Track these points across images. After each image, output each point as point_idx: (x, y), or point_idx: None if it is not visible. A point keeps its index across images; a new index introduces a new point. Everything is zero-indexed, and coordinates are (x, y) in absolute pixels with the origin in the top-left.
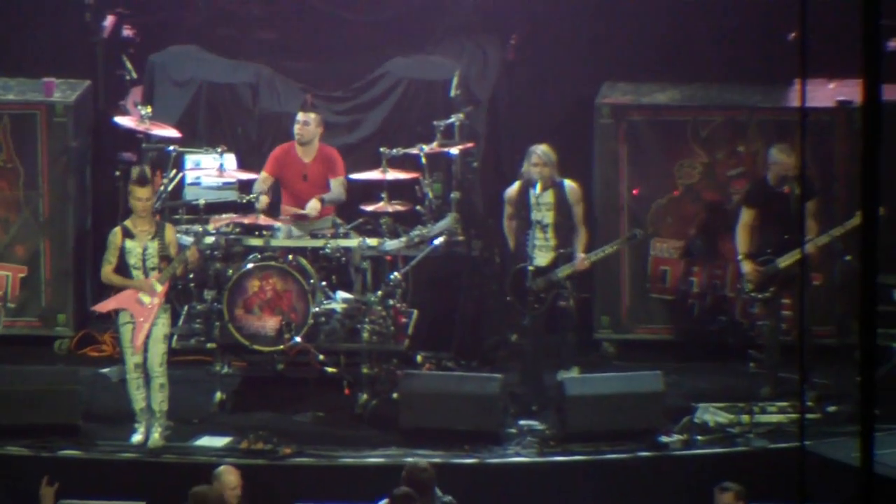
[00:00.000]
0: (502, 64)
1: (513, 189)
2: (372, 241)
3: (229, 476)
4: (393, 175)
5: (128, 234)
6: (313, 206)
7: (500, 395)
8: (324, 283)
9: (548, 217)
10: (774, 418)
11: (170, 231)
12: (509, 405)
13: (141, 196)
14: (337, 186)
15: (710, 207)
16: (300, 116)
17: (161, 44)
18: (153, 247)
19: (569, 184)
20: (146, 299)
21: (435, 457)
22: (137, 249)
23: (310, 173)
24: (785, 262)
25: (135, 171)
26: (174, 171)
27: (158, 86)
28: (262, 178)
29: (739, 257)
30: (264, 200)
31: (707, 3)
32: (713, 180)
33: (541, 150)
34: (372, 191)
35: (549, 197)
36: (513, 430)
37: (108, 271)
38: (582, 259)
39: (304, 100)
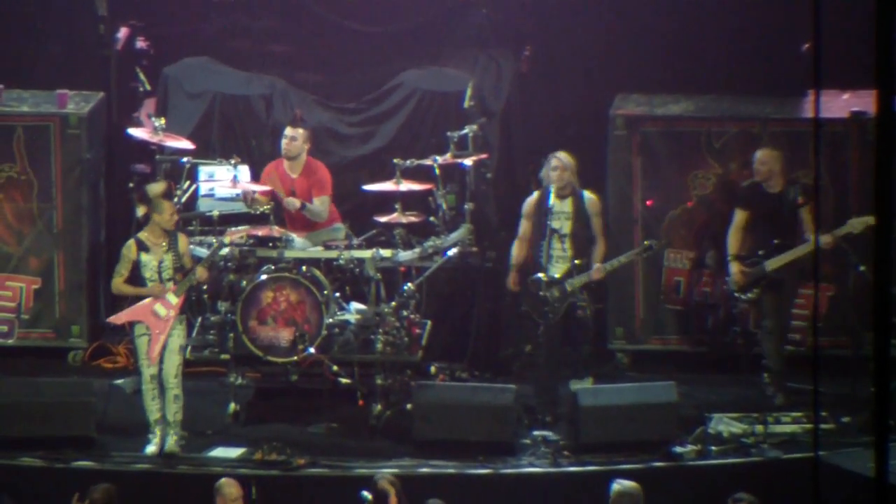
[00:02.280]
0: (516, 75)
1: (531, 199)
2: (385, 252)
3: (230, 488)
4: (406, 186)
5: (143, 247)
6: (290, 201)
7: (514, 405)
8: (337, 294)
9: (566, 226)
10: (788, 429)
11: (183, 241)
12: (523, 416)
13: (171, 210)
14: (318, 204)
15: (724, 218)
16: (288, 132)
17: (175, 56)
18: (168, 259)
19: (588, 195)
20: (162, 311)
21: (449, 467)
22: (153, 262)
23: (297, 188)
24: (774, 264)
25: (161, 186)
26: (188, 183)
27: (172, 97)
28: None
29: (729, 258)
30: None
31: (720, 14)
32: (727, 191)
33: (560, 154)
34: (385, 202)
35: (567, 206)
36: (527, 441)
37: (118, 283)
38: (597, 269)
39: (294, 115)
